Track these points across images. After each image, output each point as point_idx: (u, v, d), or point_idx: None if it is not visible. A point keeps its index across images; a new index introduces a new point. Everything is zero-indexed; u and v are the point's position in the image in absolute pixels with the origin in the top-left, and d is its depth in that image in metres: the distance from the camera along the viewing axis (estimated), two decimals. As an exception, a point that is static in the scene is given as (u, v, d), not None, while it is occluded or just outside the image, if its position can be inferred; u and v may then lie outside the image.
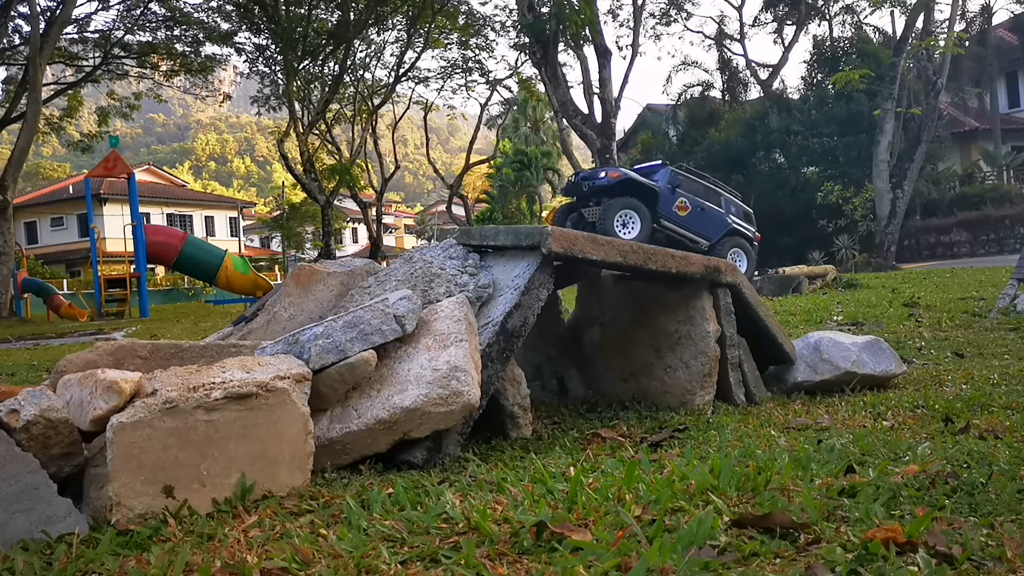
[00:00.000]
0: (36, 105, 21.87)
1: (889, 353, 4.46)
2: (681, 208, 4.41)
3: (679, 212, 4.44)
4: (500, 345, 3.46)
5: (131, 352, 3.48)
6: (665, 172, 4.53)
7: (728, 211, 4.65)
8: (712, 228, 4.49)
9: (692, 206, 4.51)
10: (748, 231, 4.76)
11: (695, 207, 4.53)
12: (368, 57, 32.10)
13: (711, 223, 4.52)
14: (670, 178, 4.47)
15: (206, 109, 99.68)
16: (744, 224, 4.77)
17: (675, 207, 4.45)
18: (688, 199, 4.50)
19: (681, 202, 4.41)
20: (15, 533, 2.24)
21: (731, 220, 4.64)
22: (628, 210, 4.15)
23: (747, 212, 5.01)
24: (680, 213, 4.43)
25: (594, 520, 2.00)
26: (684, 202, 4.41)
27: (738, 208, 4.81)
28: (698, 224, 4.56)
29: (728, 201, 4.75)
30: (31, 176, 64.72)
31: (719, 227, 4.44)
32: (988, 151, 31.46)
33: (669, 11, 34.65)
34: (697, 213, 4.59)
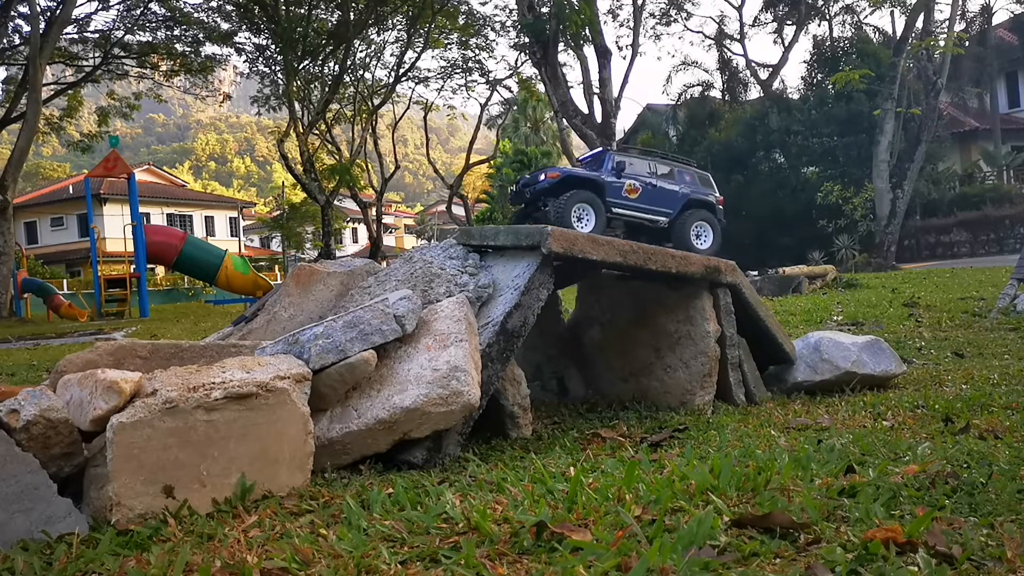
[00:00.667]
0: (36, 105, 21.87)
1: (889, 353, 4.46)
2: (631, 191, 4.34)
3: (630, 196, 4.37)
4: (500, 345, 3.46)
5: (131, 352, 3.48)
6: (609, 158, 4.44)
7: (682, 182, 4.53)
8: (668, 203, 4.42)
9: (642, 186, 4.44)
10: (709, 198, 4.60)
11: (646, 187, 4.46)
12: (368, 57, 32.11)
13: (666, 199, 4.45)
14: (614, 164, 4.39)
15: (206, 109, 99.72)
16: (703, 191, 4.65)
17: (624, 192, 4.38)
18: (637, 180, 4.41)
19: (630, 185, 4.34)
20: (15, 533, 2.24)
21: (688, 191, 4.52)
22: (583, 204, 4.11)
23: (704, 177, 4.87)
24: (631, 196, 4.37)
25: (594, 520, 2.00)
26: (633, 184, 4.34)
27: (694, 176, 4.68)
28: (652, 203, 4.49)
29: (681, 172, 4.63)
30: (31, 176, 64.72)
31: (675, 201, 4.37)
32: (988, 151, 31.46)
33: (669, 11, 34.65)
34: (649, 192, 4.52)
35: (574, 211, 4.01)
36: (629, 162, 4.54)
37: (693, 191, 4.62)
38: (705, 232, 4.38)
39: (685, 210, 4.47)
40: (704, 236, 4.34)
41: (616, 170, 4.31)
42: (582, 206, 4.09)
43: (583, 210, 4.07)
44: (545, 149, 43.08)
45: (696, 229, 4.38)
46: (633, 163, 4.57)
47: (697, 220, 4.44)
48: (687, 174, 4.65)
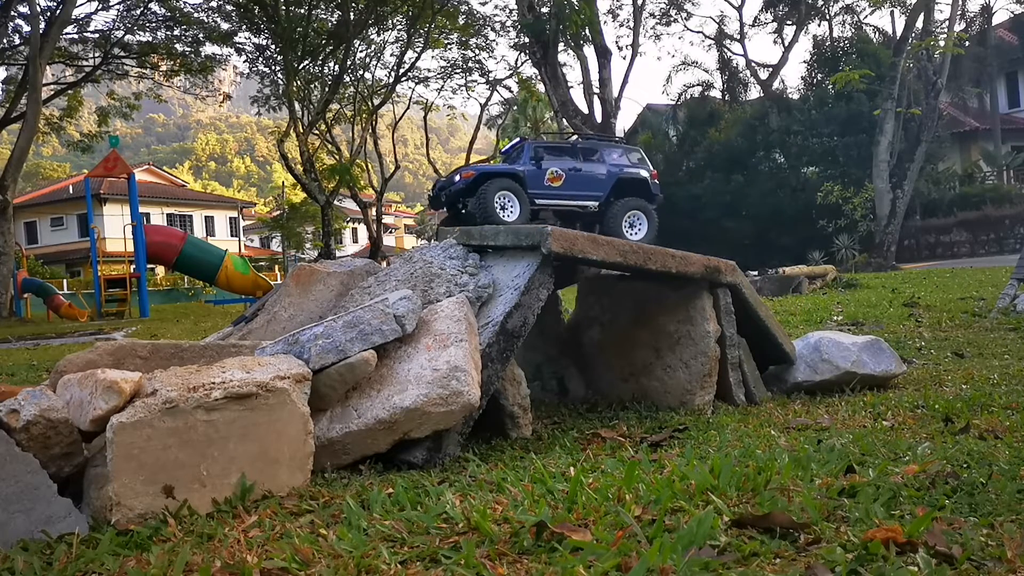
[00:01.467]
0: (36, 105, 21.87)
1: (889, 353, 4.46)
2: (554, 179, 4.18)
3: (553, 184, 4.21)
4: (500, 345, 3.46)
5: (131, 352, 3.48)
6: (527, 148, 4.27)
7: (610, 162, 4.33)
8: (595, 186, 4.24)
9: (565, 173, 4.28)
10: (640, 173, 4.36)
11: (569, 172, 4.29)
12: (368, 57, 32.11)
13: (593, 182, 4.27)
14: (532, 154, 4.22)
15: (206, 109, 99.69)
16: (634, 167, 4.40)
17: (547, 181, 4.22)
18: (559, 167, 4.25)
19: (552, 173, 4.17)
20: (15, 533, 2.24)
21: (616, 170, 4.31)
22: (504, 192, 3.96)
23: (634, 152, 4.63)
24: (555, 184, 4.20)
25: (594, 520, 2.00)
26: (555, 172, 4.18)
27: (623, 152, 4.46)
28: (578, 188, 4.32)
29: (609, 150, 4.42)
30: (31, 176, 64.71)
31: (603, 183, 4.19)
32: (988, 151, 31.46)
33: (669, 11, 34.66)
34: (573, 178, 4.35)
35: (496, 200, 3.85)
36: (549, 149, 4.38)
37: (622, 169, 4.41)
38: (639, 221, 4.21)
39: (616, 192, 4.28)
40: (638, 226, 4.17)
41: (535, 159, 4.16)
42: (504, 194, 3.93)
43: (505, 198, 3.91)
44: (545, 149, 43.06)
45: (629, 219, 4.20)
46: (554, 150, 4.41)
47: (631, 209, 4.25)
48: (615, 151, 4.47)
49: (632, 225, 4.27)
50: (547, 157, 4.34)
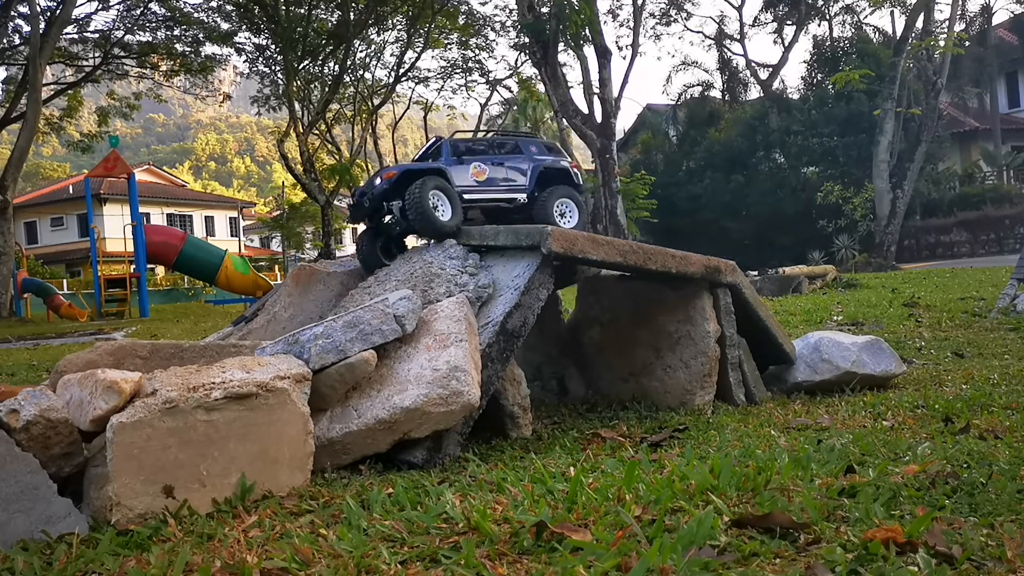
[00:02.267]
0: (36, 105, 21.87)
1: (889, 353, 4.46)
2: (478, 174, 4.02)
3: (478, 179, 4.04)
4: (500, 345, 3.46)
5: (131, 352, 3.48)
6: (446, 146, 4.08)
7: (529, 155, 4.17)
8: (520, 179, 4.10)
9: (488, 167, 4.13)
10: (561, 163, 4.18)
11: (492, 166, 4.14)
12: (368, 57, 32.10)
13: (517, 176, 4.13)
14: (452, 150, 4.04)
15: (206, 109, 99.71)
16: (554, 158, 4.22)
17: (472, 176, 4.04)
18: (481, 162, 4.09)
19: (475, 167, 4.01)
20: (15, 533, 2.24)
21: (538, 162, 4.16)
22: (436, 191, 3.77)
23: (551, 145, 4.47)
24: (480, 179, 4.04)
25: (594, 520, 2.00)
26: (478, 167, 4.02)
27: (540, 146, 4.32)
28: (503, 182, 4.16)
29: (526, 144, 4.26)
30: (31, 176, 64.72)
31: (527, 176, 4.04)
32: (988, 151, 31.45)
33: (669, 11, 34.64)
34: (498, 171, 4.19)
35: (431, 198, 3.61)
36: (469, 146, 4.20)
37: (544, 161, 4.25)
38: (569, 210, 4.05)
39: (543, 182, 4.10)
40: (569, 214, 4.00)
41: (457, 156, 3.99)
42: (436, 193, 3.70)
43: (438, 198, 3.68)
44: (545, 149, 43.02)
45: (560, 207, 4.04)
46: (473, 146, 4.22)
47: (560, 197, 4.09)
48: (532, 145, 4.30)
49: (563, 214, 4.11)
50: (468, 153, 4.20)
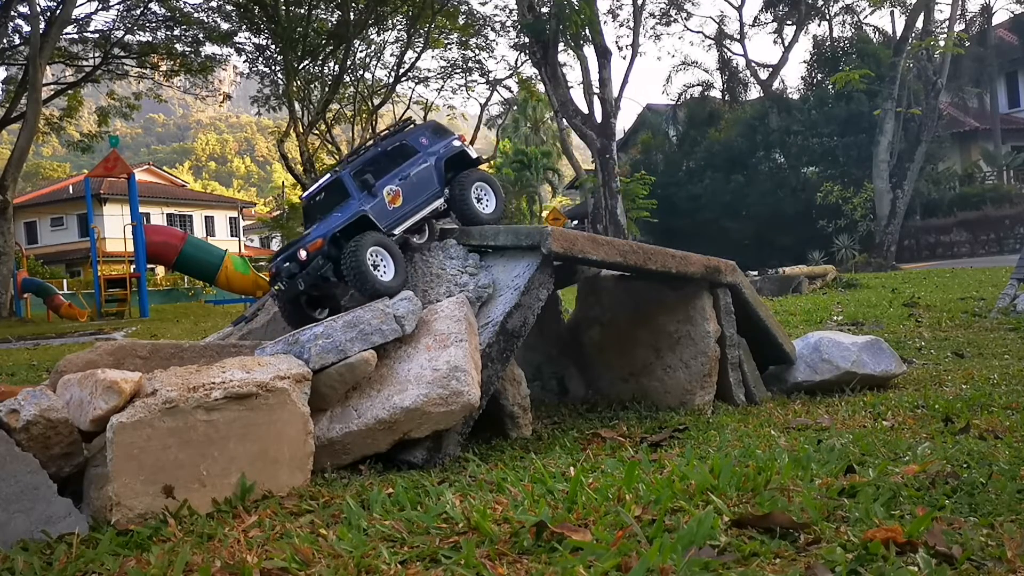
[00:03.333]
0: (36, 105, 21.87)
1: (889, 353, 4.46)
2: (394, 200, 3.45)
3: (396, 205, 3.46)
4: (500, 345, 3.46)
5: (131, 352, 3.48)
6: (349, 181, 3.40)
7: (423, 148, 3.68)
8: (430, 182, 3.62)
9: (399, 184, 3.55)
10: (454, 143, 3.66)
11: (402, 181, 3.57)
12: (368, 57, 32.10)
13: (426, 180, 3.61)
14: (358, 183, 3.41)
15: (206, 109, 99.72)
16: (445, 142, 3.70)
17: (389, 205, 3.44)
18: (391, 183, 3.49)
19: (389, 193, 3.43)
20: (15, 533, 2.24)
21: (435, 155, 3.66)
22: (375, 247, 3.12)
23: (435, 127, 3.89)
24: (397, 204, 3.46)
25: (594, 520, 2.00)
26: (391, 190, 3.46)
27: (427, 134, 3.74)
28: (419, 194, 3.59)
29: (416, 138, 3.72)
30: (31, 176, 64.70)
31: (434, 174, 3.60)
32: (988, 151, 31.45)
33: (669, 11, 34.62)
34: (411, 188, 3.59)
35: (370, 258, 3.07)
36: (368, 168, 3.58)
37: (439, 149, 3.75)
38: (486, 194, 3.62)
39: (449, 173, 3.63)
40: (487, 198, 3.60)
41: (366, 188, 3.44)
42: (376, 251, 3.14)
43: (378, 256, 3.12)
44: (545, 149, 43.08)
45: (476, 192, 3.62)
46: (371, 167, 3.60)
47: (474, 183, 3.63)
48: (421, 136, 3.80)
49: (480, 199, 3.68)
50: (373, 179, 3.57)
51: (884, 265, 22.65)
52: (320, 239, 3.87)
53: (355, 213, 4.02)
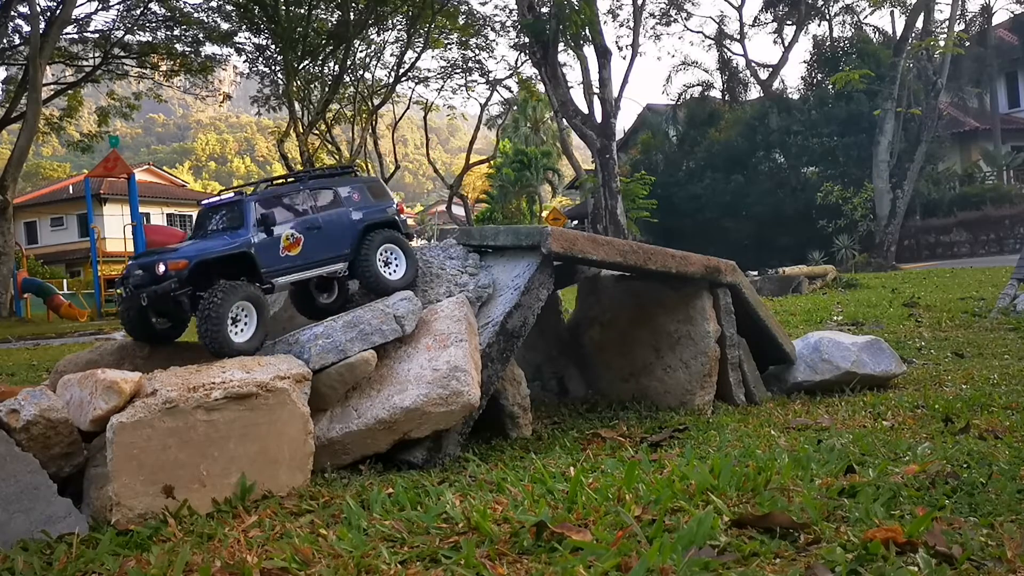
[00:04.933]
0: (36, 105, 21.86)
1: (889, 353, 4.46)
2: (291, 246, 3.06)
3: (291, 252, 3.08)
4: (500, 345, 3.46)
5: (131, 352, 3.49)
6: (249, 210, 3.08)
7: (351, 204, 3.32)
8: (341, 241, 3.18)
9: (304, 233, 3.16)
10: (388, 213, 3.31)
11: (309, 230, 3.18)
12: (368, 57, 32.11)
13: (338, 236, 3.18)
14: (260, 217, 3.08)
15: (206, 109, 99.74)
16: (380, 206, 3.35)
17: (283, 250, 3.07)
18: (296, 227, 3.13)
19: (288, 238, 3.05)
20: (15, 533, 2.24)
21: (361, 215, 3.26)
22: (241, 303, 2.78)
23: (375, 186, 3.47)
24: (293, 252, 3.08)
25: (594, 520, 2.00)
26: (292, 235, 3.08)
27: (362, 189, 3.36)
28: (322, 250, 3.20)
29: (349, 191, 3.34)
30: (31, 176, 64.69)
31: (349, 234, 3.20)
32: (988, 151, 31.45)
33: (669, 11, 34.63)
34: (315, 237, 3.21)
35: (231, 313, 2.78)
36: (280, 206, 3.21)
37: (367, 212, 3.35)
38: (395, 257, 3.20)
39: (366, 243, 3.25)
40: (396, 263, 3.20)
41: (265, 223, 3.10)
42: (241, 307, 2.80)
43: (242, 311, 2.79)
44: (545, 149, 43.08)
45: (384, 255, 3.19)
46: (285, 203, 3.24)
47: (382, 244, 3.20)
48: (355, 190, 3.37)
49: (388, 263, 3.26)
50: (278, 216, 3.19)
51: (884, 265, 22.64)
52: (185, 260, 3.44)
53: (237, 247, 3.61)
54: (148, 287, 3.36)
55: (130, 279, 3.47)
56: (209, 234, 3.81)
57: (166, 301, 3.38)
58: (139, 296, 3.36)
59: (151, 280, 3.39)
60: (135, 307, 3.48)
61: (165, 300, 3.37)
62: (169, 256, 3.47)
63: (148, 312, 3.52)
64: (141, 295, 3.36)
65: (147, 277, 3.41)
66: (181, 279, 3.35)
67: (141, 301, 3.37)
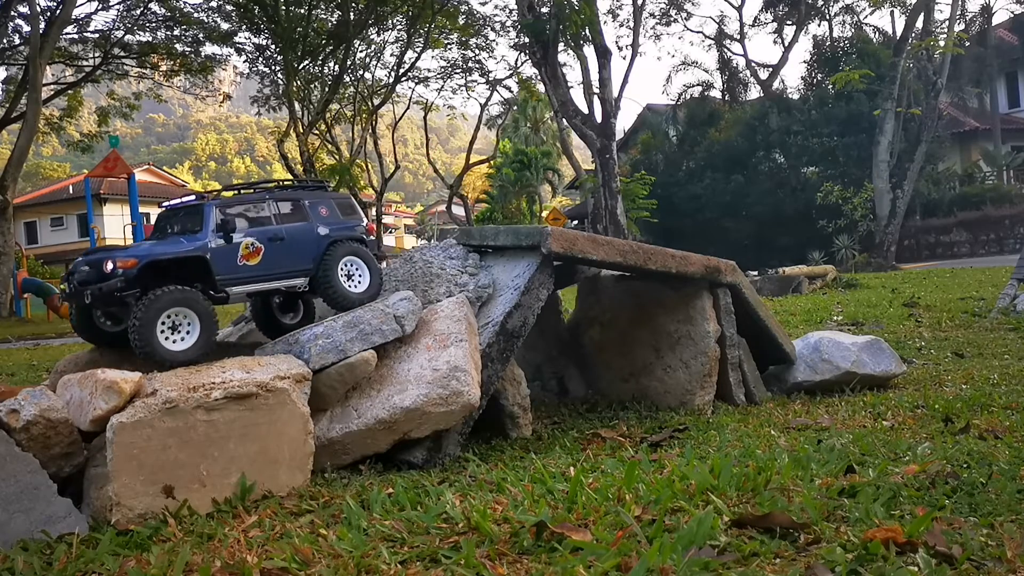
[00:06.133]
0: (36, 105, 21.86)
1: (889, 353, 4.46)
2: (250, 255, 3.01)
3: (249, 262, 3.02)
4: (500, 345, 3.46)
5: (131, 352, 3.48)
6: (210, 214, 3.03)
7: (317, 218, 3.26)
8: (304, 255, 3.14)
9: (265, 243, 3.11)
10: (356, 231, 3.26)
11: (270, 241, 3.13)
12: (368, 57, 32.10)
13: (300, 250, 3.13)
14: (219, 223, 3.03)
15: (206, 109, 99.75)
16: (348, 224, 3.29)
17: (241, 259, 3.01)
18: (257, 236, 3.07)
19: (247, 247, 2.99)
20: (15, 533, 2.24)
21: (327, 230, 3.20)
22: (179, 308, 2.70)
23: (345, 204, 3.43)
24: (251, 262, 3.02)
25: (594, 520, 2.00)
26: (251, 244, 3.02)
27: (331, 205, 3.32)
28: (282, 262, 3.13)
29: (314, 204, 3.28)
30: (31, 176, 64.68)
31: (313, 249, 3.15)
32: (988, 151, 31.44)
33: (669, 11, 34.63)
34: (276, 248, 3.15)
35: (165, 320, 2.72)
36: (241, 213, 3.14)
37: (335, 228, 3.31)
38: (359, 271, 3.15)
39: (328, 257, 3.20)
40: (359, 275, 3.15)
41: (225, 229, 3.05)
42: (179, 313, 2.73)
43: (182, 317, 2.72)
44: (545, 149, 43.07)
45: (346, 267, 3.13)
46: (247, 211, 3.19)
47: (345, 255, 3.15)
48: (322, 205, 3.33)
49: (351, 276, 3.20)
50: (239, 223, 3.13)
51: (884, 265, 22.64)
52: (135, 259, 3.30)
53: (192, 250, 3.49)
54: (93, 284, 3.25)
55: (75, 275, 3.35)
56: (167, 236, 3.70)
57: (111, 301, 3.27)
58: (83, 293, 3.26)
59: (97, 277, 3.27)
60: (80, 305, 3.38)
61: (110, 299, 3.26)
62: (119, 254, 3.36)
63: (93, 311, 3.42)
64: (85, 292, 3.25)
65: (93, 274, 3.30)
66: (128, 279, 3.22)
67: (84, 299, 3.26)
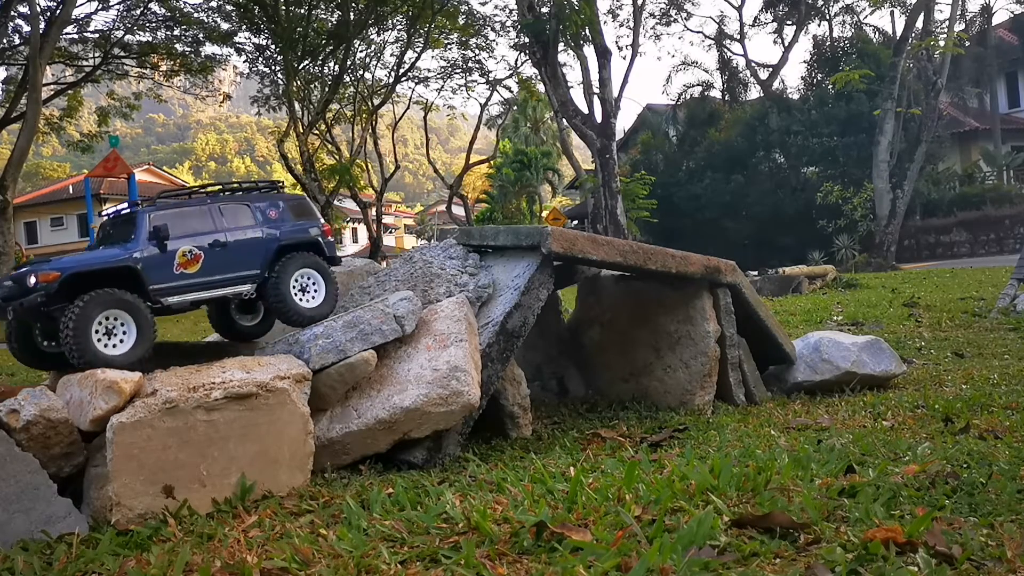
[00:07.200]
0: (36, 105, 21.83)
1: (889, 353, 4.46)
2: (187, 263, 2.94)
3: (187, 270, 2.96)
4: (500, 345, 3.46)
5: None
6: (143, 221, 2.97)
7: (266, 222, 3.17)
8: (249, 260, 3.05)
9: (204, 250, 3.03)
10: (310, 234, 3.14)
11: (210, 248, 3.05)
12: (368, 57, 32.08)
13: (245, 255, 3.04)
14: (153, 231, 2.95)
15: (206, 109, 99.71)
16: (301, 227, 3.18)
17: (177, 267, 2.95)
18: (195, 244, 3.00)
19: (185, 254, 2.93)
20: (15, 533, 2.24)
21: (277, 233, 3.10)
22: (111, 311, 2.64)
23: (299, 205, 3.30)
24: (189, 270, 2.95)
25: (594, 520, 2.00)
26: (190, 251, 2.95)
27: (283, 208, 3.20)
28: (225, 268, 3.05)
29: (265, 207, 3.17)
30: (31, 176, 64.66)
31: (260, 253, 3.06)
32: (988, 151, 31.43)
33: (669, 11, 34.61)
34: (217, 255, 3.07)
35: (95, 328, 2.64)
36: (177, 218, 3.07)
37: (285, 231, 3.21)
38: (314, 283, 3.05)
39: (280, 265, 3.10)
40: (314, 289, 3.05)
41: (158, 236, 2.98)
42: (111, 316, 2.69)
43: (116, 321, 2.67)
44: (545, 149, 43.06)
45: (300, 281, 3.04)
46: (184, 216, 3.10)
47: (299, 269, 3.06)
48: (272, 208, 3.22)
49: (305, 289, 3.10)
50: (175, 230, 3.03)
51: (884, 265, 22.63)
52: (57, 272, 3.12)
53: (119, 261, 3.32)
54: (15, 300, 3.11)
55: (10, 303, 3.16)
56: (104, 246, 3.58)
57: (36, 315, 3.15)
58: (4, 309, 3.13)
59: (20, 292, 3.13)
60: (12, 323, 3.24)
61: (35, 314, 3.14)
62: (41, 268, 3.23)
63: (30, 330, 3.28)
64: (7, 308, 3.12)
65: (16, 289, 3.16)
66: (50, 292, 3.07)
67: (7, 314, 3.13)
